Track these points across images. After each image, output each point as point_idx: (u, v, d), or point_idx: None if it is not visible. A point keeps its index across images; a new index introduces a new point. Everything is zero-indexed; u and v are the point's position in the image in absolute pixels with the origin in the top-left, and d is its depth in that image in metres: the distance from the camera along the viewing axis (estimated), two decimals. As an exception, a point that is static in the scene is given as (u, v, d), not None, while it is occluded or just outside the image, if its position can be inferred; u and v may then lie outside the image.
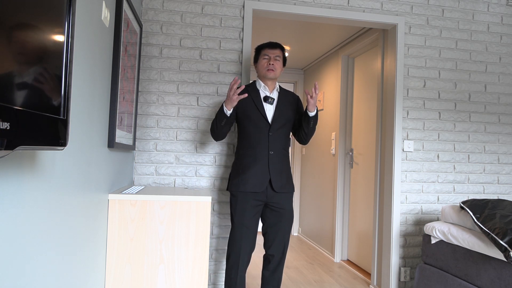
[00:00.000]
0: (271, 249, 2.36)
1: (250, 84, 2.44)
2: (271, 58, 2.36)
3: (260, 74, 2.41)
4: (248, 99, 2.34)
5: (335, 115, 4.36)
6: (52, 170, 1.18)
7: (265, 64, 2.36)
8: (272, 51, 2.38)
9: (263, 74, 2.38)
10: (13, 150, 0.69)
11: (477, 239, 2.22)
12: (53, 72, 0.87)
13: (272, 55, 2.37)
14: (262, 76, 2.39)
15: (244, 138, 2.35)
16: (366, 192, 3.80)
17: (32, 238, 1.06)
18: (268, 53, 2.38)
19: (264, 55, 2.39)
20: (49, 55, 0.85)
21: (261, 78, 2.41)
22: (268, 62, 2.36)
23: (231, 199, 2.35)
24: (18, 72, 0.73)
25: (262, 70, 2.38)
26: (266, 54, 2.38)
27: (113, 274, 1.89)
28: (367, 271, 3.77)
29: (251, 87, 2.41)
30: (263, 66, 2.37)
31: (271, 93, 2.40)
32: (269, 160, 2.29)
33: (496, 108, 3.17)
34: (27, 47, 0.76)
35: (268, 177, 2.29)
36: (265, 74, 2.36)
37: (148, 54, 2.72)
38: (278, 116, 2.35)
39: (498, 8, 3.20)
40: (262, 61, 2.39)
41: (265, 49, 2.40)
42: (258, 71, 2.42)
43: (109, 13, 1.77)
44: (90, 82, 1.54)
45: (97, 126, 1.68)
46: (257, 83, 2.43)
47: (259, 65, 2.41)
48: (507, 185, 3.17)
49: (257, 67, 2.42)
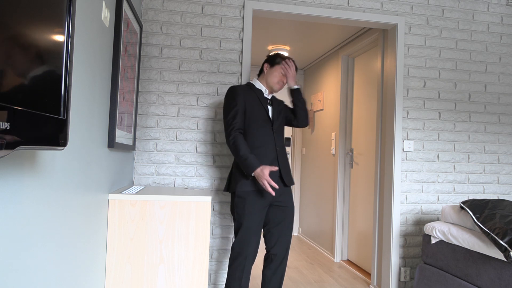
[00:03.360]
0: (275, 248, 2.35)
1: (251, 85, 2.44)
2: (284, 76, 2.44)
3: (270, 82, 2.42)
4: (255, 99, 2.36)
5: (335, 115, 4.36)
6: (52, 170, 1.18)
7: (279, 78, 2.41)
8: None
9: (271, 84, 2.41)
10: (13, 150, 0.69)
11: (477, 239, 2.22)
12: (53, 72, 0.87)
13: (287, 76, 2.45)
14: (270, 85, 2.42)
15: (250, 136, 2.31)
16: (366, 192, 3.80)
17: (32, 238, 1.06)
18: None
19: (282, 69, 2.42)
20: (49, 55, 0.85)
21: (265, 82, 2.44)
22: (283, 79, 2.43)
23: (236, 201, 2.26)
24: (18, 72, 0.73)
25: (273, 79, 2.40)
26: (284, 70, 2.43)
27: (113, 274, 1.89)
28: (367, 271, 3.76)
29: (253, 87, 2.42)
30: (277, 78, 2.40)
31: (269, 96, 2.47)
32: (278, 156, 2.35)
33: (496, 108, 3.17)
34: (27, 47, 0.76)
35: (279, 172, 2.34)
36: (274, 85, 2.41)
37: (148, 54, 2.72)
38: (277, 115, 2.43)
39: (498, 8, 3.20)
40: (277, 72, 2.41)
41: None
42: (269, 78, 2.41)
43: (109, 13, 1.77)
44: (90, 82, 1.54)
45: (97, 126, 1.68)
46: (257, 84, 2.44)
47: (274, 73, 2.41)
48: (507, 185, 3.17)
49: (270, 72, 2.42)
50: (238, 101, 2.27)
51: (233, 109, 2.27)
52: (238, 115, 2.26)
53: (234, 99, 2.28)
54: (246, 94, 2.32)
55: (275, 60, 2.43)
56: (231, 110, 2.27)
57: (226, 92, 2.42)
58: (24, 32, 0.74)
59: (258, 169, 2.14)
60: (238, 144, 2.20)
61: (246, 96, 2.32)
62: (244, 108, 2.29)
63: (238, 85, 2.37)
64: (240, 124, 2.26)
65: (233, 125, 2.24)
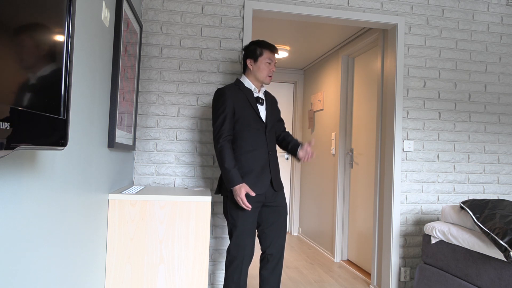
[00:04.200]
0: (270, 248, 2.34)
1: (238, 83, 2.34)
2: (273, 65, 2.32)
3: (259, 77, 2.32)
4: (244, 100, 2.27)
5: (335, 115, 4.36)
6: (52, 170, 1.18)
7: (269, 71, 2.31)
8: (275, 56, 2.33)
9: (262, 79, 2.32)
10: (13, 150, 0.69)
11: (477, 239, 2.22)
12: (53, 72, 0.87)
13: (274, 61, 2.32)
14: (261, 80, 2.32)
15: (242, 141, 2.26)
16: (366, 192, 3.80)
17: (32, 238, 1.06)
18: (272, 58, 2.31)
19: (268, 59, 2.30)
20: (49, 55, 0.85)
21: (254, 78, 2.34)
22: (272, 69, 2.32)
23: (229, 204, 2.25)
24: (18, 72, 0.73)
25: (262, 74, 2.30)
26: (270, 59, 2.31)
27: (113, 274, 1.89)
28: (367, 271, 3.76)
29: (241, 86, 2.32)
30: (265, 71, 2.30)
31: (260, 94, 2.38)
32: (270, 161, 2.30)
33: (496, 108, 3.17)
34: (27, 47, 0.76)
35: (270, 177, 2.29)
36: (264, 79, 2.32)
37: (148, 54, 2.72)
38: (270, 116, 2.35)
39: (498, 8, 3.20)
40: (263, 64, 2.30)
41: (268, 52, 2.31)
42: (258, 73, 2.31)
43: (109, 13, 1.77)
44: (90, 82, 1.54)
45: (97, 126, 1.68)
46: (246, 83, 2.34)
47: (260, 67, 2.30)
48: (507, 185, 3.17)
49: (256, 67, 2.31)
50: (226, 105, 2.20)
51: (221, 114, 2.21)
52: (227, 121, 2.20)
53: (223, 103, 2.21)
54: (234, 96, 2.24)
55: (256, 53, 2.31)
56: (219, 116, 2.21)
57: (214, 95, 2.35)
58: (24, 32, 0.74)
59: (237, 187, 2.14)
60: (223, 155, 2.17)
61: (235, 98, 2.24)
62: (233, 112, 2.22)
63: (226, 86, 2.28)
64: (229, 129, 2.21)
65: (221, 132, 2.19)
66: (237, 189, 2.14)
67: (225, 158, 2.17)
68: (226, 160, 2.17)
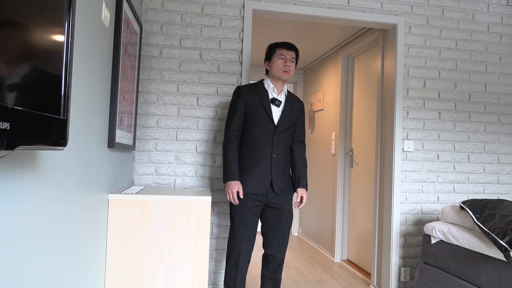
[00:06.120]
0: (271, 249, 2.35)
1: (259, 83, 2.39)
2: (287, 60, 2.32)
3: (274, 74, 2.34)
4: (257, 100, 2.31)
5: (335, 115, 4.36)
6: (52, 170, 1.18)
7: (281, 65, 2.32)
8: (289, 52, 2.34)
9: (277, 75, 2.33)
10: (13, 150, 0.69)
11: (477, 239, 2.22)
12: (53, 72, 0.87)
13: (288, 56, 2.33)
14: (276, 76, 2.34)
15: (248, 139, 2.31)
16: (366, 192, 3.80)
17: (32, 238, 1.06)
18: (284, 54, 2.32)
19: (280, 55, 2.32)
20: (49, 55, 0.85)
21: (273, 78, 2.36)
22: (284, 63, 2.32)
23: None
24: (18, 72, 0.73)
25: (277, 70, 2.32)
26: (282, 54, 2.32)
27: (113, 274, 1.89)
28: (367, 271, 3.76)
29: (259, 86, 2.36)
30: (279, 66, 2.32)
31: (279, 95, 2.37)
32: (272, 163, 2.30)
33: (496, 108, 3.17)
34: (27, 47, 0.76)
35: (270, 179, 2.29)
36: (280, 75, 2.32)
37: (148, 54, 2.72)
38: (284, 119, 2.34)
39: (498, 8, 3.20)
40: (277, 60, 2.32)
41: (280, 49, 2.34)
42: (272, 70, 2.35)
43: (109, 13, 1.77)
44: (90, 82, 1.54)
45: (97, 126, 1.68)
46: (265, 83, 2.38)
47: (273, 64, 2.34)
48: (507, 185, 3.17)
49: (270, 66, 2.36)
50: (238, 104, 2.31)
51: (233, 112, 2.33)
52: (236, 118, 2.31)
53: (236, 102, 2.33)
54: (248, 95, 2.31)
55: (270, 53, 2.38)
56: (230, 112, 2.35)
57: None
58: (24, 32, 0.74)
59: (232, 182, 2.24)
60: (228, 150, 2.29)
61: (248, 97, 2.31)
62: (244, 111, 2.32)
63: (244, 85, 2.36)
64: (237, 126, 2.32)
65: (230, 127, 2.32)
66: (231, 185, 2.24)
67: (229, 154, 2.28)
68: (229, 155, 2.28)
